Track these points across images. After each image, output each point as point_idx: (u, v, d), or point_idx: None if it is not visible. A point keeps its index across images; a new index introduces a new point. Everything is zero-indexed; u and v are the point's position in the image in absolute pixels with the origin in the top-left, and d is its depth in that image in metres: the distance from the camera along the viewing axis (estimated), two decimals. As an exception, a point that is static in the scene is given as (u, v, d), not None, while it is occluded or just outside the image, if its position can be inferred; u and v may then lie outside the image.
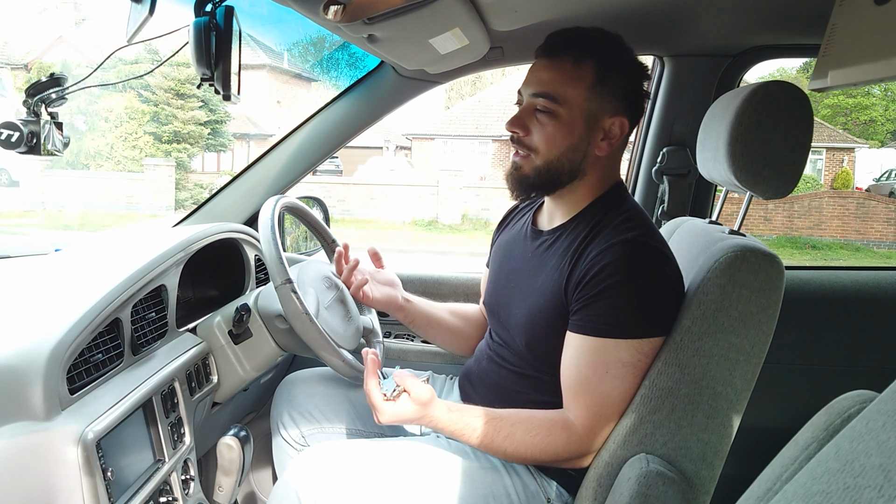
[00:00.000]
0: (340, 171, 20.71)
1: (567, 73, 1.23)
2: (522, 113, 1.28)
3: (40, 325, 1.05)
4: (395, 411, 1.18)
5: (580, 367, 1.17)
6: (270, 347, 1.49)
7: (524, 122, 1.27)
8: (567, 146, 1.25)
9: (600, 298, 1.15)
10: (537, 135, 1.26)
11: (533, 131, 1.26)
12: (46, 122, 1.16)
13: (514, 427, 1.20)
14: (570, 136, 1.24)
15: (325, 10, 1.13)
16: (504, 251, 1.46)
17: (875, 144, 21.26)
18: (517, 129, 1.28)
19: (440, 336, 1.61)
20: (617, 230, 1.21)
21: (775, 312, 1.11)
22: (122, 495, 1.04)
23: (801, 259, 13.95)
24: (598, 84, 1.23)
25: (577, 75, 1.23)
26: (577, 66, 1.23)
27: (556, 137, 1.24)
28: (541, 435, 1.18)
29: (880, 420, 0.44)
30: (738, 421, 1.13)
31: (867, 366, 1.83)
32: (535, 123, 1.26)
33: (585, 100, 1.23)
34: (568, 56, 1.24)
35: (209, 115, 19.06)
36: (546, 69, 1.26)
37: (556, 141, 1.24)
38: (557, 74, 1.24)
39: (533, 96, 1.26)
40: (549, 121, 1.24)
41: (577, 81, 1.23)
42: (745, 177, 1.21)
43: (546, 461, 1.20)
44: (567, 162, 1.26)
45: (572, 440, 1.17)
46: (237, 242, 1.73)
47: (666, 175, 1.93)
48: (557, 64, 1.24)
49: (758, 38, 1.83)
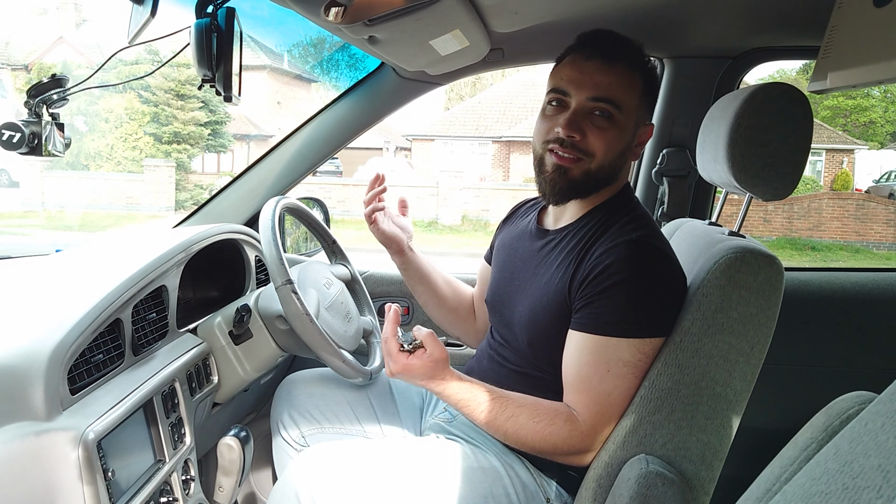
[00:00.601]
0: (340, 172, 20.71)
1: (625, 78, 1.24)
2: (577, 117, 1.24)
3: (41, 326, 1.05)
4: (408, 363, 1.19)
5: (581, 365, 1.18)
6: (271, 348, 1.49)
7: (581, 126, 1.23)
8: (620, 151, 1.26)
9: (603, 297, 1.16)
10: (595, 139, 1.23)
11: (589, 135, 1.24)
12: (48, 122, 1.16)
13: (519, 409, 1.20)
14: (623, 141, 1.26)
15: (326, 12, 1.13)
16: (508, 249, 1.47)
17: (874, 146, 21.28)
18: (574, 133, 1.23)
19: (427, 297, 1.64)
20: (622, 230, 1.22)
21: (775, 314, 1.11)
22: (123, 495, 1.04)
23: (800, 260, 13.94)
24: (646, 93, 1.27)
25: (632, 83, 1.24)
26: (632, 74, 1.24)
27: (615, 142, 1.24)
28: (544, 422, 1.18)
29: (879, 421, 0.44)
30: (738, 422, 1.13)
31: (866, 367, 1.83)
32: (591, 127, 1.23)
33: (637, 107, 1.26)
34: (624, 61, 1.24)
35: (209, 115, 19.05)
36: (605, 73, 1.23)
37: (614, 146, 1.25)
38: (617, 79, 1.23)
39: (591, 100, 1.23)
40: (609, 126, 1.23)
41: (632, 89, 1.25)
42: (744, 178, 1.21)
43: (544, 451, 1.20)
44: (615, 167, 1.28)
45: (573, 434, 1.17)
46: (238, 243, 1.73)
47: (666, 176, 1.93)
48: (615, 68, 1.23)
49: (758, 39, 1.83)
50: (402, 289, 2.13)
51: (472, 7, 1.37)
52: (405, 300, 2.14)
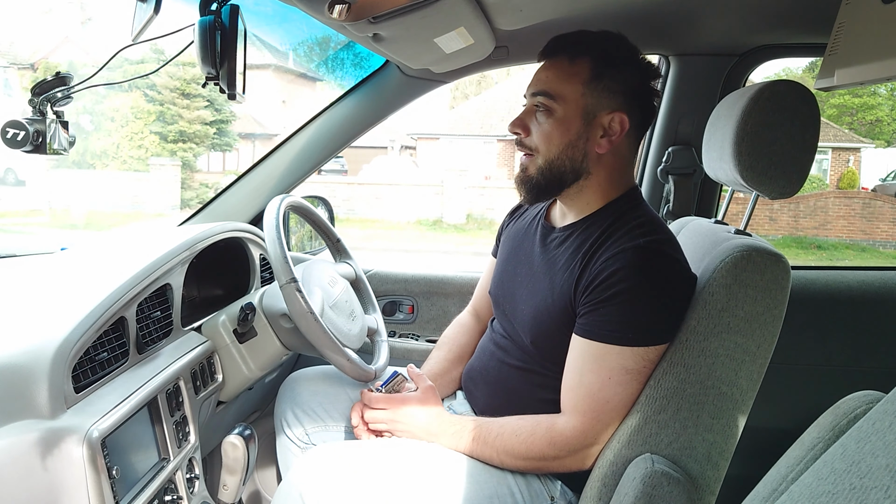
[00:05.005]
0: (345, 170, 20.73)
1: (563, 70, 1.25)
2: (523, 114, 1.30)
3: (46, 324, 1.05)
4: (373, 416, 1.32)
5: (583, 371, 1.17)
6: (275, 346, 1.49)
7: (524, 122, 1.29)
8: (566, 143, 1.25)
9: (608, 304, 1.15)
10: (536, 134, 1.27)
11: (533, 131, 1.28)
12: (52, 121, 1.16)
13: (501, 427, 1.24)
14: (568, 132, 1.25)
15: (331, 9, 1.13)
16: (513, 242, 1.46)
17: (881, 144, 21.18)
18: (518, 129, 1.30)
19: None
20: (629, 235, 1.20)
21: (781, 312, 1.10)
22: (128, 493, 1.04)
23: (806, 259, 13.90)
24: (594, 79, 1.23)
25: (572, 72, 1.24)
26: (573, 63, 1.24)
27: (554, 135, 1.25)
28: (524, 434, 1.21)
29: (887, 420, 0.44)
30: (744, 421, 1.12)
31: (873, 366, 1.82)
32: (535, 123, 1.28)
33: (581, 95, 1.23)
34: (564, 55, 1.26)
35: (215, 114, 19.10)
36: (544, 69, 1.28)
37: (554, 138, 1.25)
38: (555, 73, 1.26)
39: (532, 96, 1.28)
40: (546, 119, 1.26)
41: (572, 78, 1.24)
42: (750, 176, 1.20)
43: (536, 463, 1.22)
44: (568, 160, 1.26)
45: (557, 440, 1.18)
46: (242, 241, 1.73)
47: (671, 174, 1.92)
48: (555, 63, 1.27)
49: (764, 37, 1.83)
50: (406, 287, 2.13)
51: (476, 4, 1.36)
52: (409, 298, 2.14)
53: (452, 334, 1.64)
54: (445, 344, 1.62)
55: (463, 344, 1.61)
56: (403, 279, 2.14)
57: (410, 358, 2.02)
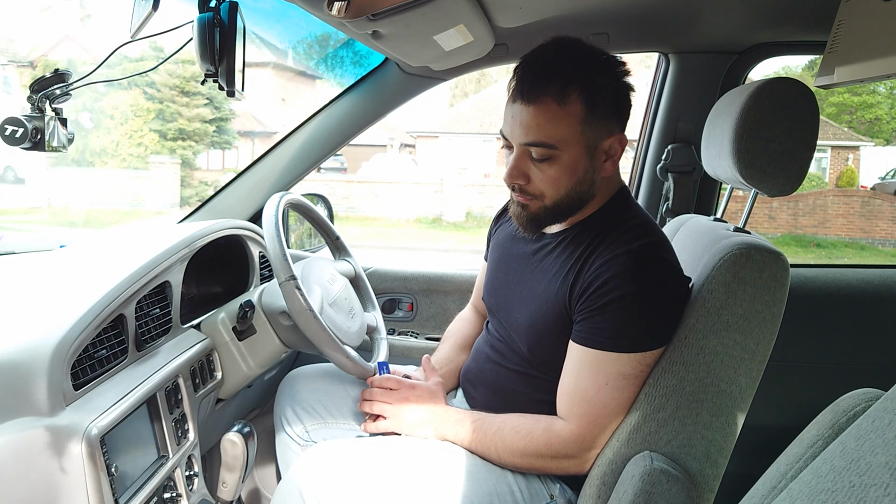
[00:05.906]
0: (345, 168, 20.71)
1: (553, 114, 1.15)
2: (518, 162, 1.20)
3: (45, 321, 1.05)
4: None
5: (580, 377, 1.17)
6: (274, 344, 1.49)
7: (523, 171, 1.21)
8: (574, 182, 1.20)
9: (604, 311, 1.14)
10: (541, 181, 1.20)
11: (534, 178, 1.20)
12: (50, 118, 1.16)
13: (503, 423, 1.25)
14: (576, 172, 1.19)
15: (330, 7, 1.12)
16: (503, 248, 1.45)
17: (880, 143, 21.15)
18: (518, 181, 1.21)
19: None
20: (622, 239, 1.18)
21: (780, 310, 1.10)
22: (127, 491, 1.04)
23: (805, 257, 13.90)
24: (589, 114, 1.15)
25: (563, 114, 1.15)
26: (562, 105, 1.14)
27: (562, 179, 1.19)
28: (523, 431, 1.22)
29: (886, 418, 0.43)
30: (743, 419, 1.13)
31: (872, 363, 1.82)
32: (535, 170, 1.20)
33: (581, 134, 1.16)
34: (548, 97, 1.14)
35: (214, 112, 19.06)
36: (529, 114, 1.16)
37: (563, 181, 1.19)
38: (543, 119, 1.15)
39: (525, 145, 1.18)
40: (551, 165, 1.18)
41: (566, 119, 1.15)
42: (750, 174, 1.20)
43: (533, 461, 1.22)
44: (576, 195, 1.22)
45: (553, 442, 1.19)
46: (241, 239, 1.73)
47: (670, 172, 1.92)
48: (539, 107, 1.15)
49: (763, 34, 1.82)
50: (405, 285, 2.13)
51: (476, 2, 1.36)
52: (409, 296, 2.14)
53: (457, 328, 1.66)
54: (451, 336, 1.64)
55: (467, 335, 1.62)
56: (403, 277, 2.14)
57: (410, 355, 2.02)
